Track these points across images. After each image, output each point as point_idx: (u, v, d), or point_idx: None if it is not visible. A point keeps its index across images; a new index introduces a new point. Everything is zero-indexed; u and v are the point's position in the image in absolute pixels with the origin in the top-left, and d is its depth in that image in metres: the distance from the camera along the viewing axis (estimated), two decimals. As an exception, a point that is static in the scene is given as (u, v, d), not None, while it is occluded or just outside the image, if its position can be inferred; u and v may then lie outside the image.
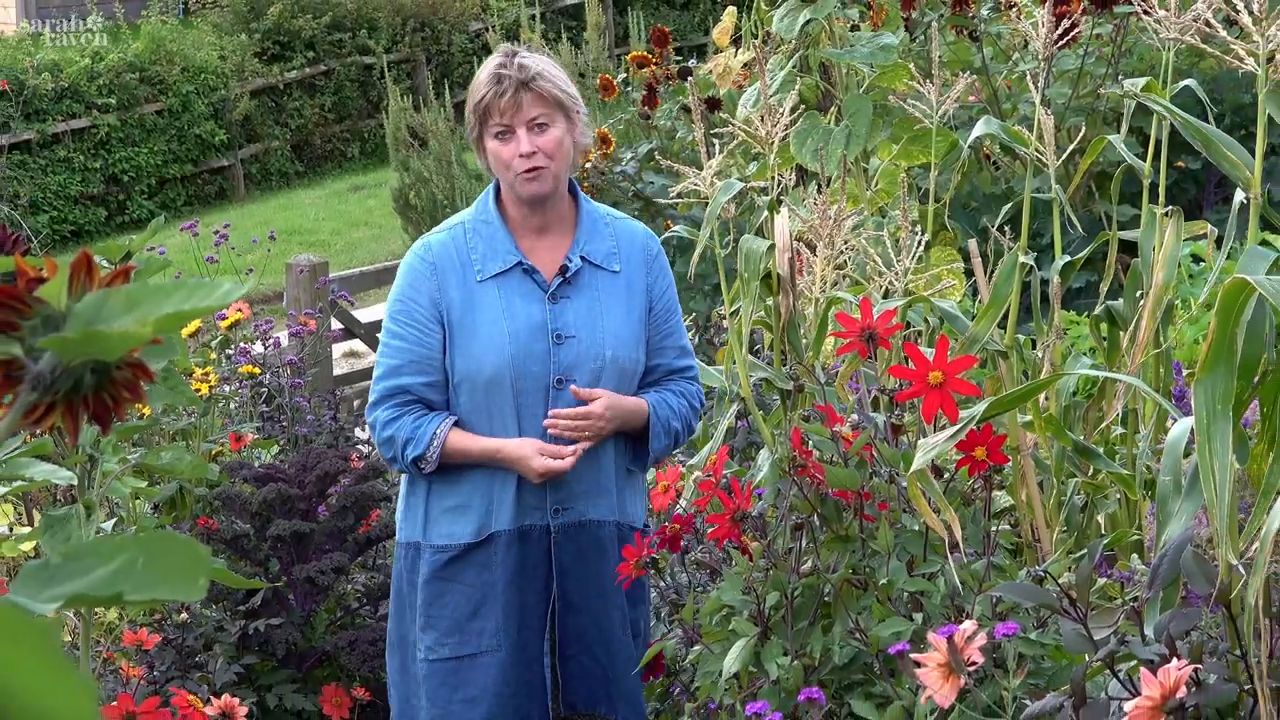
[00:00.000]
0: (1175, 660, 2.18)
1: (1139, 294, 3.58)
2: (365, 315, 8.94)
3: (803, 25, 4.23)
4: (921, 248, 3.65)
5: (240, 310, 6.06)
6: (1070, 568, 3.05)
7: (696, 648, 3.17)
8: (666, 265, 3.55)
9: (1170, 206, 3.47)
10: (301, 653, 4.49)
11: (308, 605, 4.50)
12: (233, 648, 4.28)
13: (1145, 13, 3.14)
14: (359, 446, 5.58)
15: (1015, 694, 2.48)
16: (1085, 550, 2.73)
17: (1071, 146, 3.74)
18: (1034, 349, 3.87)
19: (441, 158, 11.25)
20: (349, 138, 17.44)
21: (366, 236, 14.52)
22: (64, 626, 3.41)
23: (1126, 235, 3.77)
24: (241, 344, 6.22)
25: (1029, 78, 3.65)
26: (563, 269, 3.37)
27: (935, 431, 2.82)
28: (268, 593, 4.40)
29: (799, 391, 3.53)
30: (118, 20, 16.93)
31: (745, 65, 6.61)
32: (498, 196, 3.44)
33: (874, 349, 3.07)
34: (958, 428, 2.69)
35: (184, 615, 4.23)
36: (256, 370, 5.90)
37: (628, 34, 14.35)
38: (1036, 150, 3.52)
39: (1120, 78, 5.68)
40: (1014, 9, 6.40)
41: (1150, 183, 3.55)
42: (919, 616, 2.83)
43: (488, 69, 3.36)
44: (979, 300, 3.94)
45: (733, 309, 3.69)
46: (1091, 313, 3.97)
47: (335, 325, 7.72)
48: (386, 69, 15.05)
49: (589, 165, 8.80)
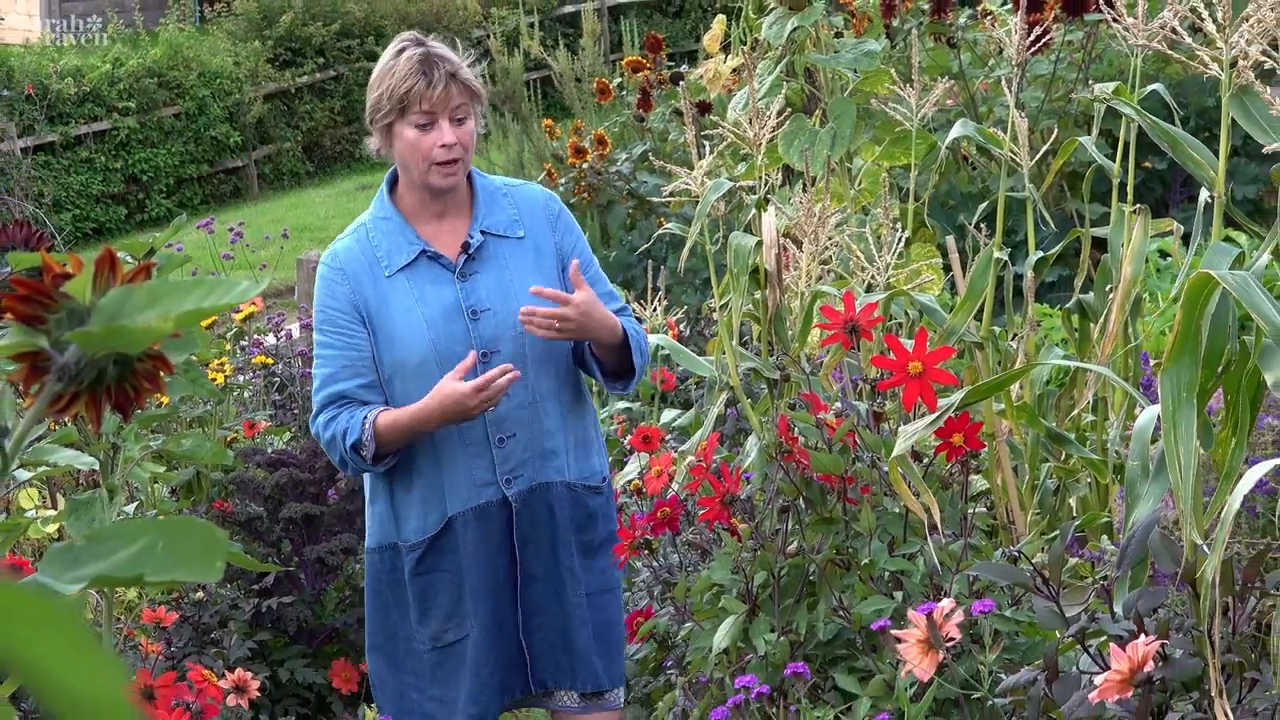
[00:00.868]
0: (1143, 636, 2.23)
1: (1108, 288, 3.59)
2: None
3: (790, 32, 4.24)
4: (902, 244, 3.68)
5: (254, 304, 6.12)
6: (1043, 548, 3.10)
7: (688, 624, 3.23)
8: (572, 221, 3.45)
9: (1138, 205, 3.47)
10: (312, 629, 4.58)
11: (318, 584, 4.59)
12: (246, 625, 4.36)
13: (1114, 20, 3.13)
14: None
15: (991, 668, 2.52)
16: (1057, 531, 2.76)
17: (1044, 148, 3.78)
18: (1009, 340, 3.89)
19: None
20: (357, 139, 17.45)
21: (373, 234, 14.52)
22: (87, 605, 3.48)
23: (1097, 232, 3.79)
24: (255, 336, 6.30)
25: (1004, 82, 3.70)
26: (465, 246, 3.33)
27: (915, 419, 2.86)
28: (280, 572, 4.46)
29: (785, 381, 3.58)
30: (137, 28, 17.11)
31: (734, 70, 6.65)
32: (391, 190, 3.40)
33: (857, 340, 3.13)
34: (936, 415, 2.73)
35: (200, 594, 4.29)
36: (269, 361, 5.96)
37: (622, 41, 14.48)
38: (1011, 151, 3.55)
39: (1091, 82, 5.68)
40: (990, 17, 6.42)
41: (1119, 182, 3.55)
42: (899, 594, 2.89)
43: (407, 57, 3.26)
44: (956, 294, 3.97)
45: (722, 302, 3.75)
46: (1064, 306, 3.99)
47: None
48: (392, 73, 15.05)
49: (586, 165, 8.89)
